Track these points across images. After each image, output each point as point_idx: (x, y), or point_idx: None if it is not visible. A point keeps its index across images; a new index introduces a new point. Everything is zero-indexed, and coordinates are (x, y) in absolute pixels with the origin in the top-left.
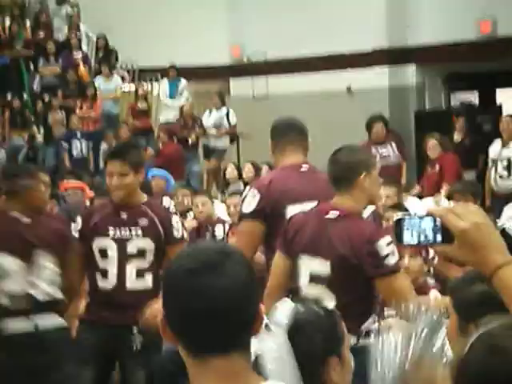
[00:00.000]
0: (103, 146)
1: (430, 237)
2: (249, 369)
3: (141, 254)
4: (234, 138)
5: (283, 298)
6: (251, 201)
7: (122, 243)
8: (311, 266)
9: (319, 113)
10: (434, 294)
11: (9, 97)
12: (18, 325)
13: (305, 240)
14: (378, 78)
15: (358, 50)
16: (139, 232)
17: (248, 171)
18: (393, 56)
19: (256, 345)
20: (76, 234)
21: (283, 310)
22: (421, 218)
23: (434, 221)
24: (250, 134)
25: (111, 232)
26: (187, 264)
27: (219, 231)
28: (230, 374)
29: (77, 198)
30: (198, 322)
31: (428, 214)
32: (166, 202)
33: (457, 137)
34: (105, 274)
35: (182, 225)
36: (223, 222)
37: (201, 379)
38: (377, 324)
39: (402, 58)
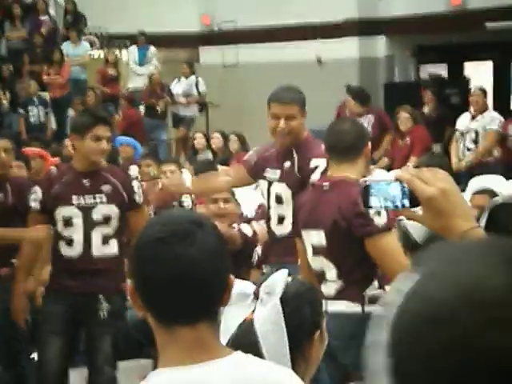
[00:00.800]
0: (70, 113)
1: (398, 202)
2: (216, 339)
3: (106, 220)
4: (202, 106)
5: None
6: None
7: (86, 211)
8: (311, 238)
9: (289, 83)
10: None
11: None
12: None
13: (304, 215)
14: (348, 49)
15: (329, 20)
16: (104, 199)
17: (216, 140)
18: (363, 27)
19: (240, 313)
20: (36, 205)
21: (277, 279)
22: (388, 183)
23: (402, 186)
24: (218, 103)
25: (75, 200)
26: (158, 233)
27: (187, 201)
28: (196, 344)
29: (36, 164)
30: (166, 292)
31: (396, 180)
32: (134, 171)
33: (426, 110)
34: (69, 242)
35: (143, 192)
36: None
37: (168, 348)
38: (381, 290)
39: (372, 29)
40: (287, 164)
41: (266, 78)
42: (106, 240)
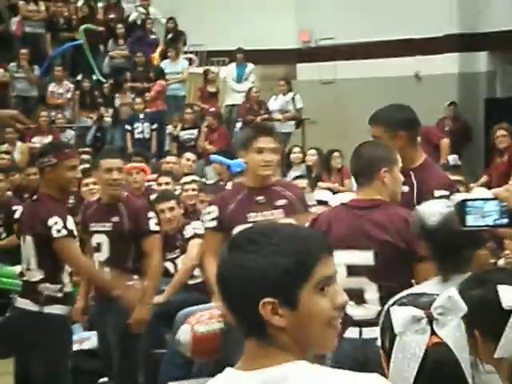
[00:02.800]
0: (169, 128)
1: (495, 220)
2: (273, 348)
3: None
4: (299, 122)
5: None
6: None
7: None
8: (349, 258)
9: (386, 99)
10: None
11: (79, 78)
12: None
13: (338, 234)
14: (447, 64)
15: (429, 36)
16: (281, 213)
17: (311, 157)
18: (464, 42)
19: None
20: (213, 223)
21: (451, 299)
22: (484, 201)
23: (500, 204)
24: (315, 120)
25: (252, 218)
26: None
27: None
28: (256, 354)
29: (139, 179)
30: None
31: (493, 197)
32: None
33: None
34: None
35: None
36: None
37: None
38: None
39: (473, 44)
40: (404, 188)
41: (364, 94)
42: None
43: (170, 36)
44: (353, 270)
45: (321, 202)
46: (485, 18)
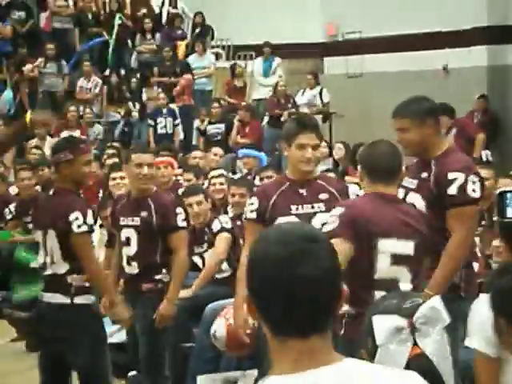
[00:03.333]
0: (196, 123)
1: None
2: (327, 348)
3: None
4: (326, 116)
5: None
6: None
7: (305, 220)
8: (394, 247)
9: (413, 93)
10: None
11: (107, 72)
12: None
13: (385, 224)
14: (476, 57)
15: (457, 28)
16: (322, 207)
17: (338, 151)
18: (493, 35)
19: None
20: (253, 215)
21: (433, 309)
22: None
23: None
24: (342, 113)
25: (294, 211)
26: (278, 252)
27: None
28: (307, 355)
29: (167, 174)
30: (285, 310)
31: None
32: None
33: None
34: None
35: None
36: None
37: (281, 357)
38: None
39: (502, 36)
40: (424, 175)
41: (391, 88)
42: None
43: (197, 31)
44: (396, 259)
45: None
46: None
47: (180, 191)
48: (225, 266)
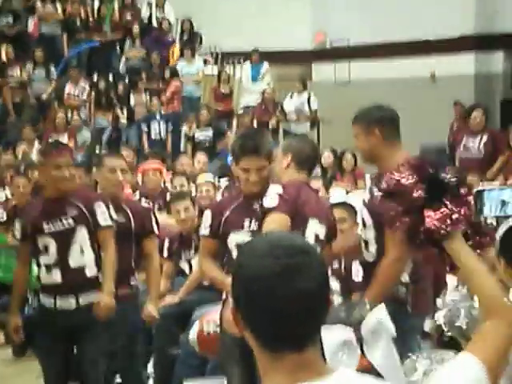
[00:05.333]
0: (184, 129)
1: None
2: (320, 359)
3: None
4: (314, 123)
5: None
6: None
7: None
8: (317, 229)
9: (401, 100)
10: None
11: (95, 78)
12: None
13: (313, 207)
14: (463, 64)
15: (444, 36)
16: None
17: (326, 157)
18: (480, 42)
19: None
20: (206, 231)
21: (379, 318)
22: (501, 189)
23: None
24: (330, 120)
25: (246, 227)
26: (271, 266)
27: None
28: (302, 367)
29: (156, 178)
30: (278, 323)
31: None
32: None
33: None
34: None
35: None
36: None
37: (273, 371)
38: None
39: (489, 44)
40: (375, 189)
41: (378, 95)
42: None
43: (185, 37)
44: (316, 240)
45: (335, 204)
46: (501, 17)
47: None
48: None
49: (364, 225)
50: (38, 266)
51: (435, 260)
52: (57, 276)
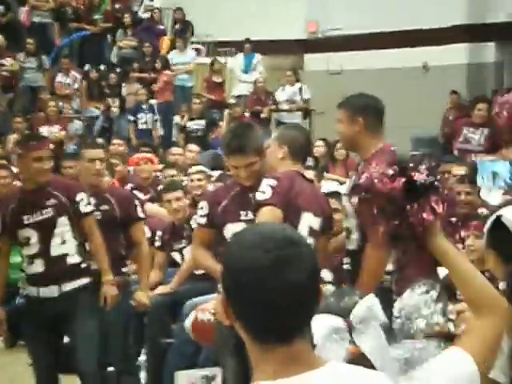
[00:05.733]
0: (176, 119)
1: (506, 179)
2: (310, 351)
3: None
4: (306, 113)
5: None
6: None
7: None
8: (311, 222)
9: (393, 90)
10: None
11: (86, 68)
12: None
13: (306, 199)
14: (455, 55)
15: (437, 26)
16: None
17: (319, 148)
18: (472, 33)
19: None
20: (203, 220)
21: (370, 307)
22: (493, 161)
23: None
24: (322, 110)
25: (243, 216)
26: (261, 259)
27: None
28: (291, 359)
29: (148, 167)
30: (267, 315)
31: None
32: None
33: None
34: None
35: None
36: None
37: (263, 362)
38: None
39: (481, 34)
40: (353, 177)
41: (371, 85)
42: None
43: (177, 27)
44: (310, 232)
45: (328, 194)
46: (493, 8)
47: (159, 187)
48: None
49: (345, 214)
50: (21, 256)
51: (418, 251)
52: (39, 266)
